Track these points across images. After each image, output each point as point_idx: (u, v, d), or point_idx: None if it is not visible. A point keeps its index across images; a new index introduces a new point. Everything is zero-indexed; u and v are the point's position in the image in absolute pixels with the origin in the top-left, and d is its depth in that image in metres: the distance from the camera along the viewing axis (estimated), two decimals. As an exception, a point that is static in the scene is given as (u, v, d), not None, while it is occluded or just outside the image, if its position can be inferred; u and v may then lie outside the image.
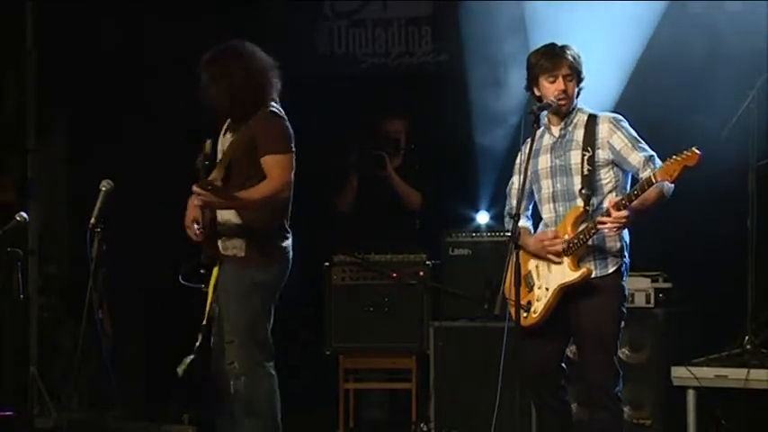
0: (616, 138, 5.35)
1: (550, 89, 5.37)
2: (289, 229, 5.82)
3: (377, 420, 7.71)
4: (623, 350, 6.50)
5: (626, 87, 7.16)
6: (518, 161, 5.55)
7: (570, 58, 5.38)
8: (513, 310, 5.28)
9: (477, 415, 6.74)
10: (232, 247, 5.71)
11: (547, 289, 5.37)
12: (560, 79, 5.37)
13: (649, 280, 6.90)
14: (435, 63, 8.43)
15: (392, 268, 7.36)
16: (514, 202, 5.39)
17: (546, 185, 5.47)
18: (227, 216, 5.71)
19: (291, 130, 5.76)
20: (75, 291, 6.69)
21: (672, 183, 5.07)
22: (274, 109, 5.76)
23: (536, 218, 5.66)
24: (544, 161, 5.47)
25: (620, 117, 5.45)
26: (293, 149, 5.74)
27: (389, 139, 7.93)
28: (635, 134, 5.38)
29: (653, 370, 6.75)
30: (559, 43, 5.44)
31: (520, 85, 5.62)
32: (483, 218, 7.78)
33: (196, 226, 5.74)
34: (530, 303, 5.41)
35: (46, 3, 8.20)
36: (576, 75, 5.39)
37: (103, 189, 5.68)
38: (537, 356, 5.43)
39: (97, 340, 5.68)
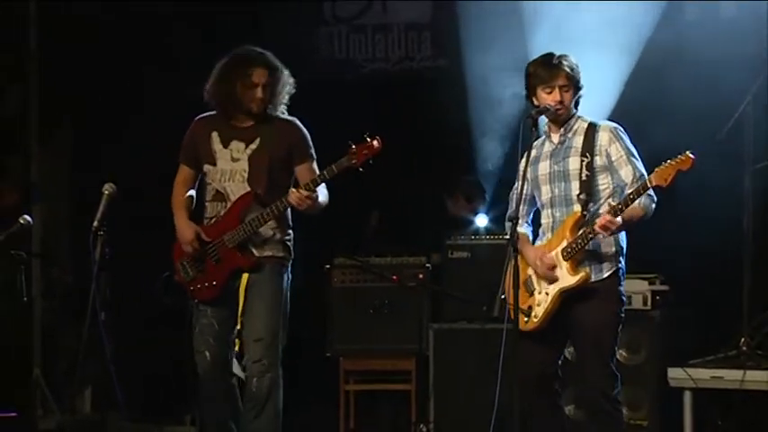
0: (614, 148, 5.40)
1: (547, 99, 5.40)
2: None
3: (377, 422, 7.76)
4: (621, 352, 6.53)
5: (624, 89, 7.21)
6: (521, 167, 5.59)
7: (567, 68, 5.40)
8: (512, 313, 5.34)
9: (476, 416, 6.76)
10: (270, 249, 5.83)
11: (547, 294, 5.42)
12: (557, 90, 5.40)
13: (646, 282, 6.96)
14: (435, 68, 8.46)
15: (392, 271, 7.38)
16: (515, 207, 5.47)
17: (545, 191, 5.53)
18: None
19: None
20: (79, 293, 6.75)
21: (666, 186, 5.11)
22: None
23: (537, 224, 5.70)
24: (544, 167, 5.53)
25: (621, 128, 5.49)
26: None
27: None
28: (632, 148, 5.42)
29: (650, 371, 6.81)
30: (557, 53, 5.46)
31: (519, 89, 5.65)
32: (482, 221, 7.83)
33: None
34: (530, 308, 5.45)
35: (49, 5, 8.24)
36: (572, 85, 5.42)
37: (106, 193, 5.72)
38: (535, 360, 5.47)
39: (100, 342, 5.71)
